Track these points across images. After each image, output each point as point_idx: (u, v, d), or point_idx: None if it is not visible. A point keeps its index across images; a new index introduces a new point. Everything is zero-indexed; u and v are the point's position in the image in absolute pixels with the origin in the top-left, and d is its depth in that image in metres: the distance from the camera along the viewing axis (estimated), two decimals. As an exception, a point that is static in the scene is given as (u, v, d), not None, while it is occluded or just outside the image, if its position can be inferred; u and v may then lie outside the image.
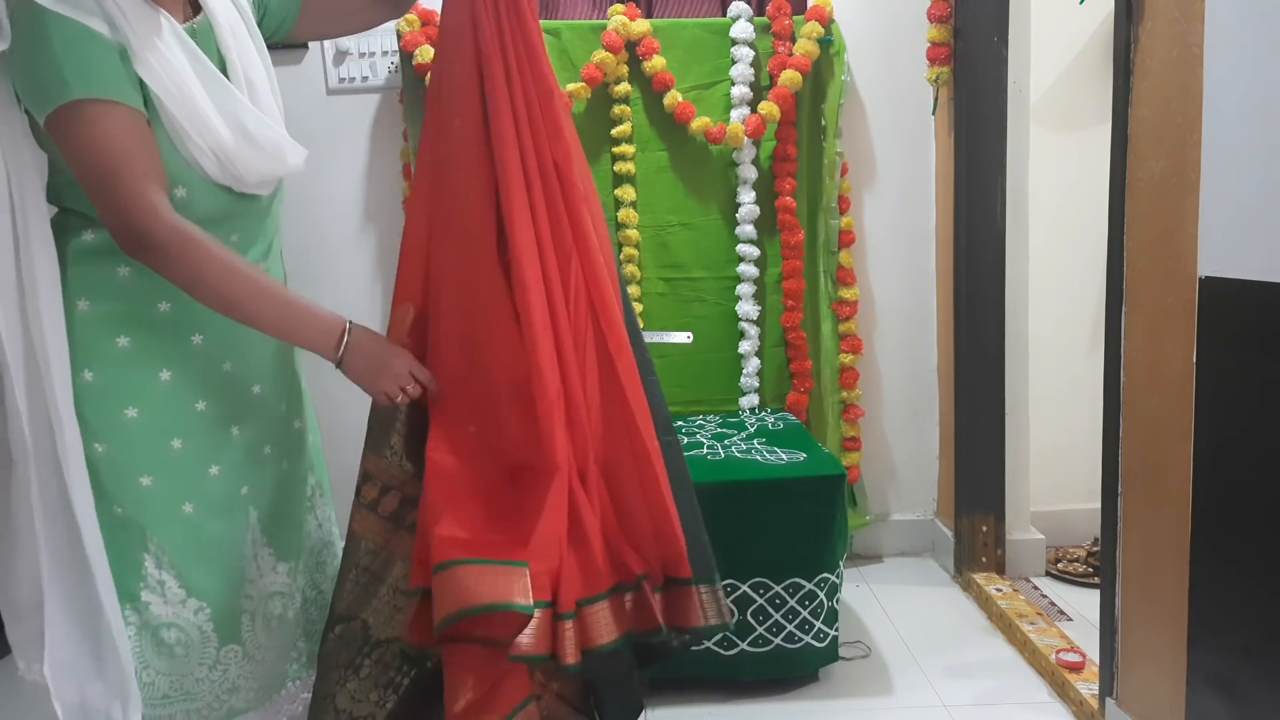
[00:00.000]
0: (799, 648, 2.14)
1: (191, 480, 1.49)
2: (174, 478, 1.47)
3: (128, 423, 1.43)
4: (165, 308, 1.45)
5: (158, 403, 1.46)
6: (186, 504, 1.49)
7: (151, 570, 1.46)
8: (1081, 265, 2.82)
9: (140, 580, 1.46)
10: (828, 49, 2.75)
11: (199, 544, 1.50)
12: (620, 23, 2.67)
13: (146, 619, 1.47)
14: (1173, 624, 1.66)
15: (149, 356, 1.45)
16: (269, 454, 1.61)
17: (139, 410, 1.44)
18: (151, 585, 1.46)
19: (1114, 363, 1.82)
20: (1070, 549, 2.84)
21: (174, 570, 1.47)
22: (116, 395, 1.43)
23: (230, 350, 1.53)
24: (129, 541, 1.45)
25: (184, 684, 1.51)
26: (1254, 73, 1.40)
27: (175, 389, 1.47)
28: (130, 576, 1.45)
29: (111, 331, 1.43)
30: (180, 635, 1.49)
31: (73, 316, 1.41)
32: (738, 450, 2.34)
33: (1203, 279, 1.52)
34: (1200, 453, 1.56)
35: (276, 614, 1.61)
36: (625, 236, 2.77)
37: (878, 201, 2.92)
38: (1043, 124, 2.75)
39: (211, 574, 1.51)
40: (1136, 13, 1.71)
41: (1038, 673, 2.22)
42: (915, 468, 3.01)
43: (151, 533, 1.45)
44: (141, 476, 1.45)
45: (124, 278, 1.42)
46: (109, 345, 1.43)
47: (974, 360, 2.70)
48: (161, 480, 1.46)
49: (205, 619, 1.51)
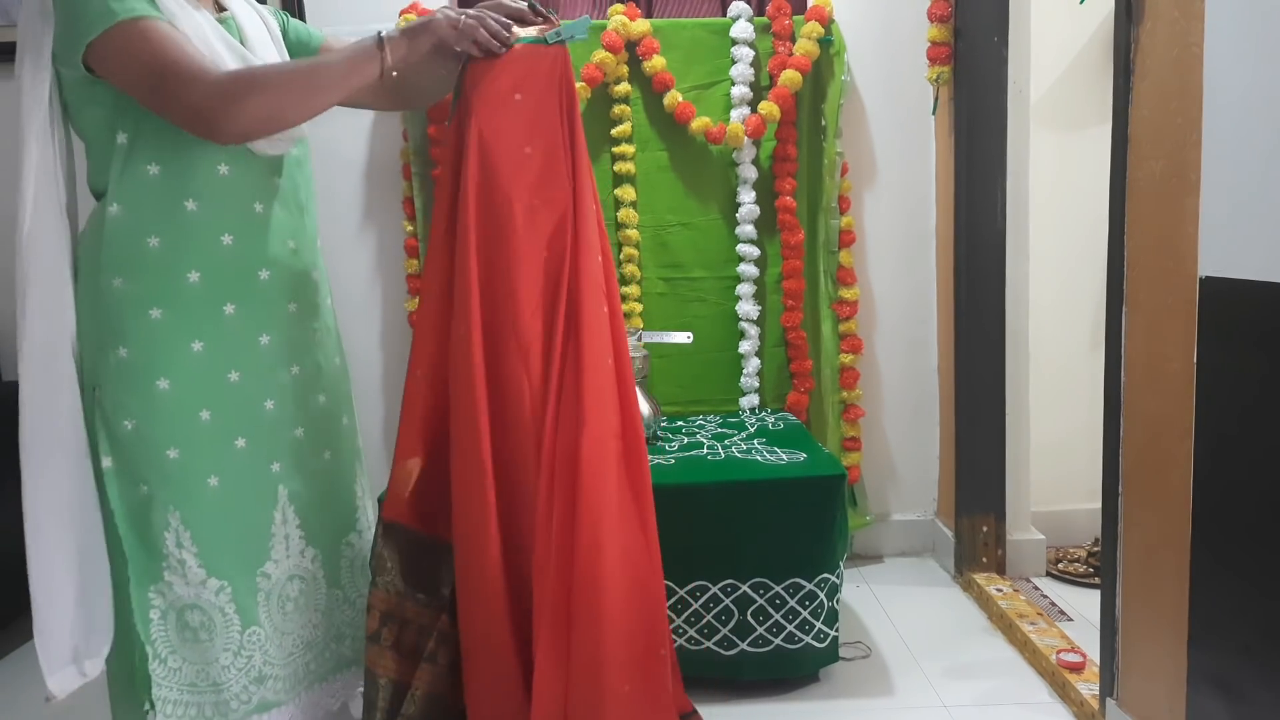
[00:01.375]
0: (799, 648, 2.14)
1: (217, 452, 1.51)
2: (200, 450, 1.49)
3: (158, 395, 1.45)
4: (194, 278, 1.47)
5: (189, 373, 1.48)
6: (211, 477, 1.50)
7: (172, 549, 1.47)
8: (1081, 265, 2.82)
9: (162, 560, 1.47)
10: (828, 49, 2.75)
11: (221, 520, 1.51)
12: (620, 23, 2.67)
13: (171, 601, 1.48)
14: (1173, 624, 1.65)
15: (181, 327, 1.47)
16: (300, 436, 1.61)
17: (170, 381, 1.46)
18: (173, 565, 1.47)
19: (1114, 362, 1.82)
20: (1070, 549, 2.84)
21: (195, 548, 1.48)
22: (149, 369, 1.45)
23: (265, 324, 1.56)
24: (151, 522, 1.46)
25: (210, 672, 1.51)
26: (1254, 73, 1.40)
27: (207, 360, 1.49)
28: (153, 559, 1.46)
29: (145, 306, 1.45)
30: (203, 618, 1.50)
31: (109, 294, 1.44)
32: (738, 450, 2.34)
33: (1203, 279, 1.52)
34: (1200, 453, 1.56)
35: (293, 596, 1.61)
36: (625, 236, 2.77)
37: (878, 201, 2.92)
38: (1043, 124, 2.75)
39: (233, 552, 1.52)
40: (1136, 13, 1.71)
41: (1038, 673, 2.22)
42: (915, 468, 3.01)
43: (174, 508, 1.47)
44: (169, 449, 1.46)
45: (154, 249, 1.44)
46: (142, 320, 1.45)
47: (974, 360, 2.70)
48: (188, 453, 1.48)
49: (227, 599, 1.51)
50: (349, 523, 1.75)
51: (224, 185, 1.49)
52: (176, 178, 1.45)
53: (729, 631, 2.13)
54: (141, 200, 1.44)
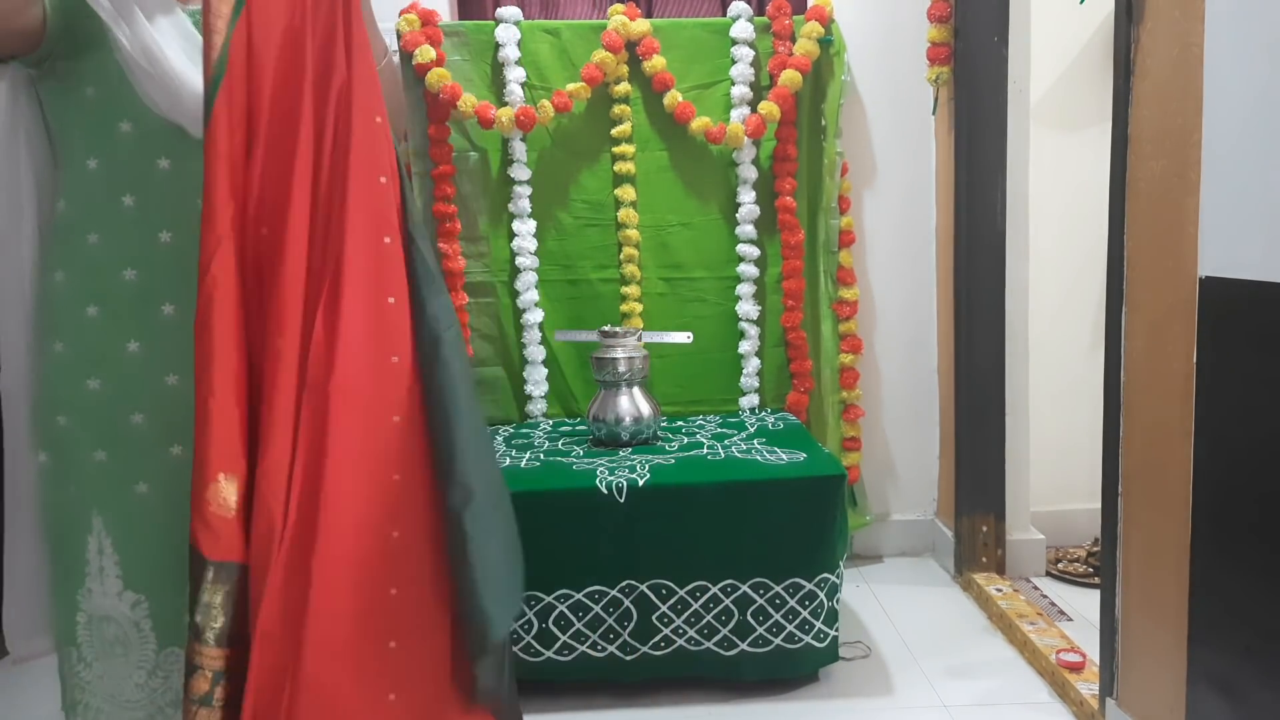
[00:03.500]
0: (799, 648, 2.14)
1: (149, 458, 1.43)
2: (130, 454, 1.42)
3: (89, 394, 1.41)
4: (131, 276, 1.41)
5: (122, 374, 1.42)
6: (141, 483, 1.42)
7: (93, 556, 1.42)
8: (1081, 265, 2.82)
9: (85, 566, 1.42)
10: (828, 49, 2.75)
11: (147, 530, 1.43)
12: (620, 22, 2.67)
13: (91, 609, 1.42)
14: (1173, 624, 1.65)
15: (117, 327, 1.42)
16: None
17: (101, 381, 1.41)
18: (93, 573, 1.42)
19: (1114, 363, 1.82)
20: (1070, 549, 2.84)
21: (115, 556, 1.42)
22: (82, 366, 1.41)
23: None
24: (75, 525, 1.42)
25: (124, 688, 1.44)
26: (1254, 73, 1.40)
27: (143, 361, 1.42)
28: (77, 562, 1.42)
29: (83, 302, 1.41)
30: (118, 631, 1.43)
31: (52, 288, 1.41)
32: (738, 450, 2.34)
33: (1203, 279, 1.52)
34: (1200, 453, 1.56)
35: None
36: (625, 236, 2.77)
37: (878, 201, 2.92)
38: (1043, 124, 2.75)
39: (155, 565, 1.43)
40: (1136, 13, 1.71)
41: (1038, 673, 2.22)
42: (915, 468, 3.01)
43: (98, 511, 1.41)
44: (96, 450, 1.41)
45: (93, 246, 1.41)
46: (79, 315, 1.41)
47: (974, 360, 2.70)
48: (116, 455, 1.42)
49: (143, 614, 1.44)
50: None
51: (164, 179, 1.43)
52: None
53: (729, 632, 2.13)
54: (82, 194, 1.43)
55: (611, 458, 2.29)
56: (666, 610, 2.12)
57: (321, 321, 1.31)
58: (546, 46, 2.72)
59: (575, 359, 2.83)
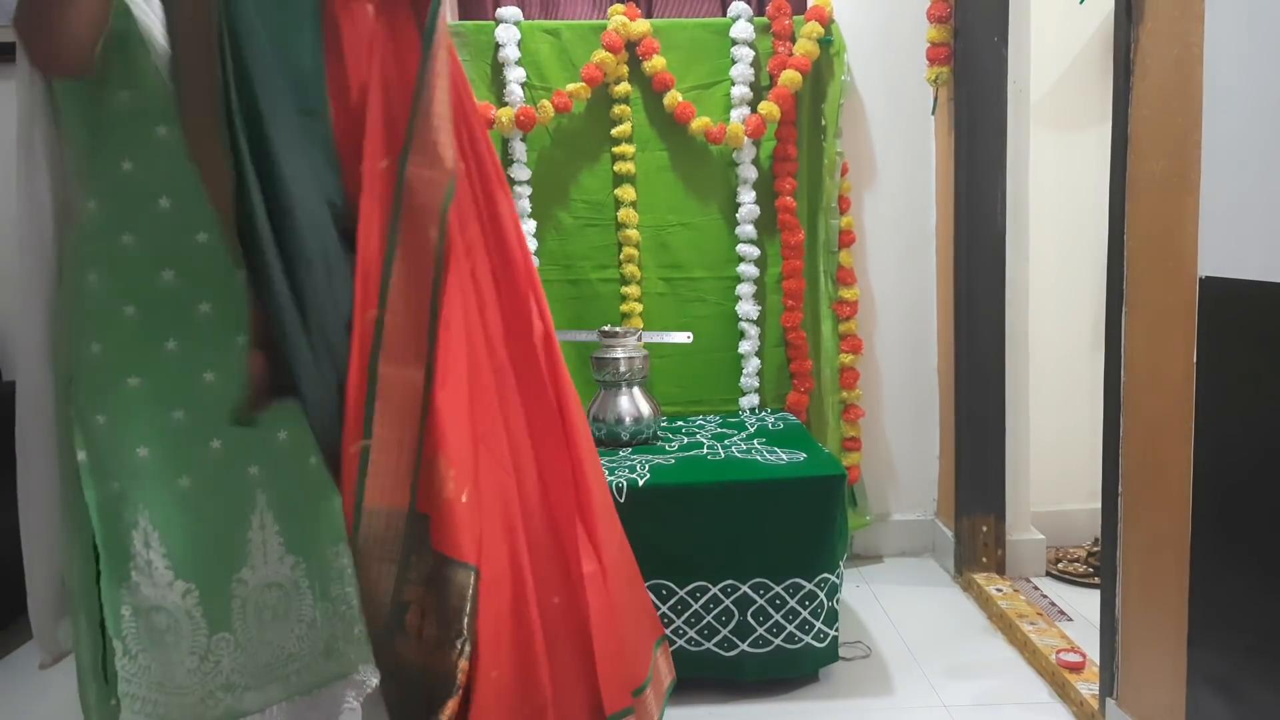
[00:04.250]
0: (799, 648, 2.14)
1: (190, 453, 1.47)
2: (172, 449, 1.45)
3: (129, 392, 1.43)
4: (168, 276, 1.44)
5: (161, 371, 1.45)
6: (183, 477, 1.46)
7: (139, 549, 1.44)
8: (1081, 265, 2.82)
9: (130, 560, 1.44)
10: (828, 49, 2.75)
11: (191, 521, 1.47)
12: (620, 23, 2.67)
13: (138, 602, 1.45)
14: (1173, 624, 1.65)
15: (155, 326, 1.45)
16: (285, 440, 1.59)
17: (141, 380, 1.43)
18: (140, 566, 1.44)
19: (1114, 363, 1.82)
20: (1070, 549, 2.84)
21: (162, 549, 1.45)
22: (120, 365, 1.43)
23: (244, 323, 1.52)
24: (121, 520, 1.44)
25: (175, 674, 1.48)
26: (1254, 73, 1.40)
27: (181, 359, 1.46)
28: (122, 557, 1.44)
29: (119, 302, 1.43)
30: (169, 620, 1.46)
31: (85, 289, 1.42)
32: (738, 450, 2.34)
33: (1203, 279, 1.52)
34: (1200, 453, 1.56)
35: (271, 605, 1.58)
36: (625, 236, 2.77)
37: (878, 201, 2.92)
38: (1043, 124, 2.75)
39: (202, 554, 1.48)
40: (1136, 13, 1.71)
41: (1038, 673, 2.22)
42: (915, 468, 3.01)
43: (143, 507, 1.44)
44: (138, 447, 1.43)
45: (128, 246, 1.43)
46: (117, 315, 1.43)
47: (974, 360, 2.70)
48: (158, 451, 1.44)
49: (194, 603, 1.48)
50: (337, 532, 1.72)
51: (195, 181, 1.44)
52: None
53: (729, 632, 2.13)
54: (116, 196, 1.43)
55: (611, 458, 2.29)
56: (666, 611, 2.12)
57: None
58: (546, 47, 2.73)
59: (575, 359, 2.83)
